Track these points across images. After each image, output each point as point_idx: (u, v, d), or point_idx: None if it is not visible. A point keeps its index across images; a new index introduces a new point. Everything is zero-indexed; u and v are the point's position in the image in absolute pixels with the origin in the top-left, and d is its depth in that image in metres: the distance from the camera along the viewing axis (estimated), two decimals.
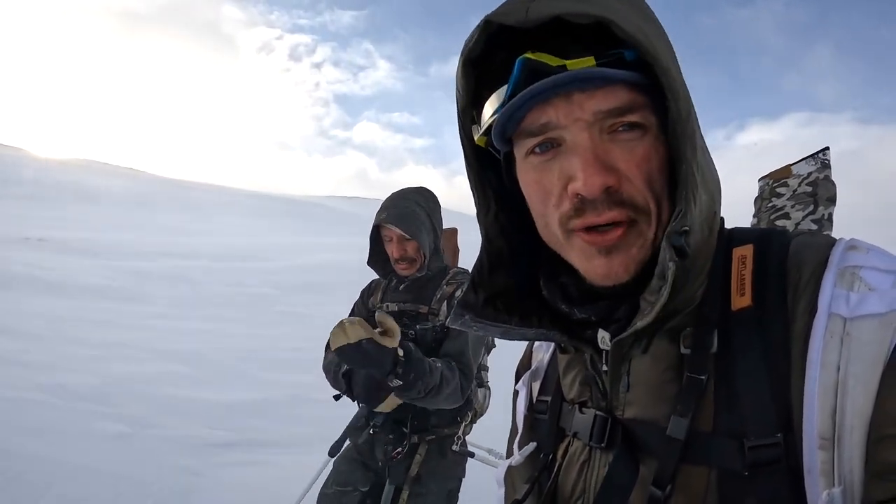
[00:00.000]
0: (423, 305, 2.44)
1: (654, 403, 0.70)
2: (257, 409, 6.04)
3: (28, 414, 4.95)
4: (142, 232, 22.98)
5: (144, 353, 7.53)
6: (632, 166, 0.64)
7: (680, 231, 0.62)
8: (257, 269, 15.83)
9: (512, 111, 0.66)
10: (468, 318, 0.78)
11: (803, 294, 0.64)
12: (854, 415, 0.56)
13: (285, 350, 8.24)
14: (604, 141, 0.65)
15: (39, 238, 16.61)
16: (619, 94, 0.64)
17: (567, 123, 0.65)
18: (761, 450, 0.61)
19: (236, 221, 33.11)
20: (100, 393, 5.80)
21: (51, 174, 39.95)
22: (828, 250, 0.66)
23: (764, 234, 0.73)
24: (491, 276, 0.80)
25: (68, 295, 10.57)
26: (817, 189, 2.01)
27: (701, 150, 0.66)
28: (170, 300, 11.47)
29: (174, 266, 14.58)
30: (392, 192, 2.55)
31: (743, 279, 0.69)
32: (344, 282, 13.92)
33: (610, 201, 0.64)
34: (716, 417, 0.65)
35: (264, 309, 11.72)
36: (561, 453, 0.82)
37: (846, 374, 0.57)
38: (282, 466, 4.70)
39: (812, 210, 2.00)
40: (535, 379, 0.95)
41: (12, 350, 6.70)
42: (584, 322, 0.74)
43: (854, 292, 0.60)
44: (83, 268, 12.91)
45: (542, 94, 0.64)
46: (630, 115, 0.64)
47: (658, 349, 0.71)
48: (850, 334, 0.59)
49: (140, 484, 4.12)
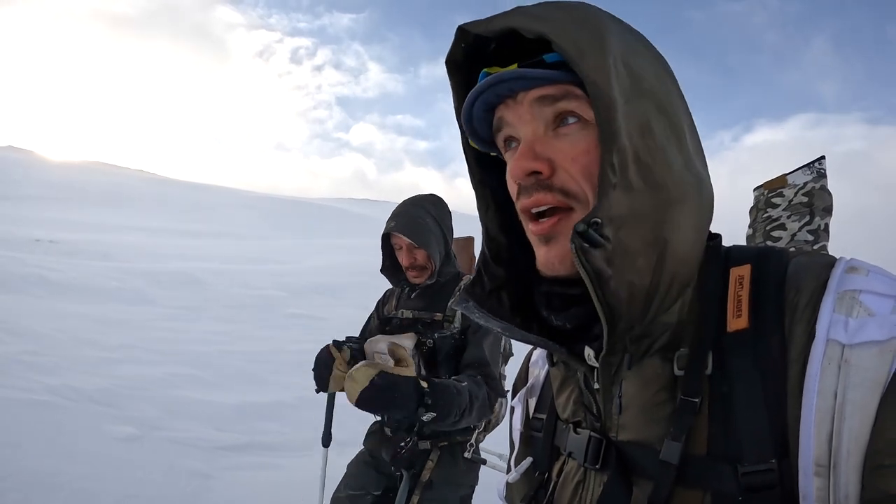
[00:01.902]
0: (438, 312, 2.42)
1: (647, 426, 0.70)
2: (267, 412, 6.03)
3: (37, 416, 4.95)
4: (152, 234, 23.11)
5: (154, 356, 7.54)
6: (567, 158, 0.68)
7: (588, 221, 0.63)
8: (267, 271, 15.86)
9: (468, 113, 0.75)
10: (472, 305, 0.80)
11: (801, 318, 0.63)
12: (851, 442, 0.56)
13: (295, 353, 8.22)
14: (547, 137, 0.70)
15: (50, 240, 16.73)
16: (553, 87, 0.69)
17: (513, 120, 0.72)
18: (756, 475, 0.60)
19: (246, 223, 33.29)
20: (109, 395, 5.81)
21: (61, 176, 40.30)
22: (827, 272, 0.65)
23: (762, 253, 0.73)
24: (495, 267, 0.83)
25: (78, 297, 10.62)
26: (813, 199, 1.99)
27: (630, 154, 0.65)
28: (180, 302, 11.50)
29: (184, 268, 14.62)
30: (403, 198, 2.56)
31: (740, 300, 0.68)
32: (354, 284, 13.97)
33: (538, 186, 0.69)
34: (710, 441, 0.65)
35: (274, 311, 11.73)
36: (556, 472, 0.83)
37: (843, 400, 0.57)
38: (291, 469, 4.68)
39: (808, 221, 1.99)
40: (532, 395, 0.97)
41: (22, 351, 6.71)
42: (565, 332, 0.75)
43: (853, 318, 0.60)
44: (93, 270, 12.96)
45: (487, 92, 0.72)
46: (563, 103, 0.69)
47: (650, 370, 0.70)
48: (849, 361, 0.58)
49: (149, 486, 4.12)
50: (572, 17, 0.67)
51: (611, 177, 0.64)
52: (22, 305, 9.21)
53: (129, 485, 4.06)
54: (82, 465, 4.19)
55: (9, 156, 59.74)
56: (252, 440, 5.28)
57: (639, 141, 0.65)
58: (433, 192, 2.63)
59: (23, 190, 32.37)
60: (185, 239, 22.58)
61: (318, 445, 2.89)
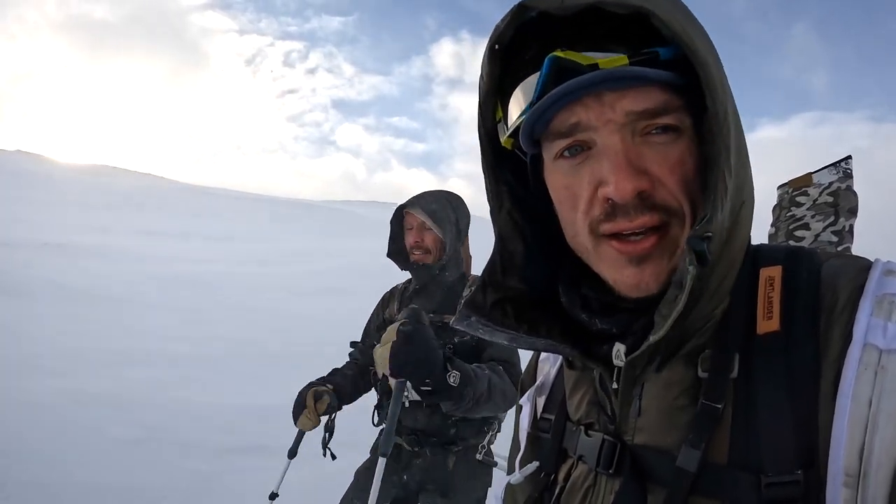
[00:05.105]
0: (448, 315, 2.37)
1: (665, 430, 0.66)
2: (272, 415, 6.01)
3: (45, 418, 4.97)
4: (160, 236, 23.22)
5: (160, 358, 7.56)
6: (665, 170, 0.61)
7: (702, 236, 0.57)
8: (273, 273, 15.90)
9: (540, 112, 0.63)
10: (475, 320, 0.75)
11: (837, 321, 0.60)
12: (882, 452, 0.53)
13: (302, 356, 8.21)
14: (636, 144, 0.62)
15: (58, 243, 16.81)
16: (652, 95, 0.61)
17: (598, 125, 0.62)
18: (780, 487, 0.57)
19: (252, 226, 33.40)
20: (115, 398, 5.82)
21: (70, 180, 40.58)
22: (864, 275, 0.61)
23: (793, 253, 0.69)
24: (503, 279, 0.77)
25: (85, 300, 10.66)
26: (839, 199, 1.96)
27: (736, 153, 0.62)
28: (186, 305, 11.53)
29: (191, 271, 14.67)
30: (400, 199, 2.54)
31: (770, 302, 0.65)
32: (361, 286, 13.96)
33: (643, 206, 0.61)
34: (731, 449, 0.61)
35: (280, 314, 11.76)
36: (563, 475, 0.78)
37: (878, 409, 0.54)
38: (297, 472, 4.66)
39: (833, 221, 1.95)
40: (541, 394, 0.91)
41: (29, 355, 6.74)
42: (602, 335, 0.70)
43: (892, 322, 0.57)
44: (100, 273, 13.03)
45: (572, 94, 0.61)
46: (664, 118, 0.61)
47: (673, 373, 0.67)
48: (886, 367, 0.55)
49: (154, 489, 4.12)
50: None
51: (727, 182, 0.59)
52: (29, 309, 9.25)
53: (134, 486, 4.06)
54: (88, 468, 4.21)
55: (18, 160, 60.28)
56: (257, 443, 5.27)
57: (738, 137, 0.62)
58: (456, 193, 2.58)
59: (31, 194, 32.60)
60: (191, 242, 22.68)
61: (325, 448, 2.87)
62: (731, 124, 0.60)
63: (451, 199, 2.47)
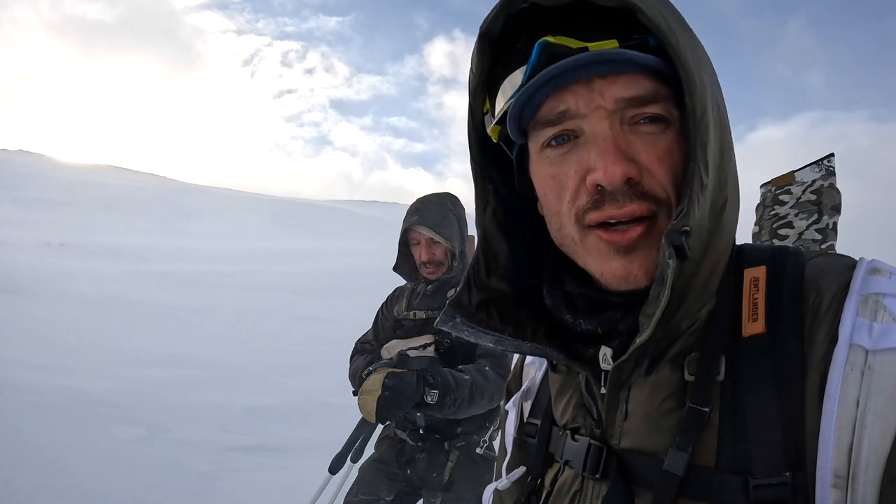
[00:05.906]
0: None
1: (652, 434, 0.65)
2: (274, 414, 6.03)
3: (47, 417, 4.97)
4: (163, 236, 23.21)
5: (162, 358, 7.57)
6: (653, 160, 0.61)
7: (680, 230, 0.57)
8: (275, 273, 15.90)
9: (529, 94, 0.62)
10: (459, 321, 0.74)
11: (822, 322, 0.59)
12: (871, 452, 0.53)
13: (303, 355, 8.23)
14: (625, 132, 0.61)
15: (60, 243, 16.82)
16: (641, 83, 0.61)
17: (587, 112, 0.61)
18: (768, 489, 0.57)
19: (254, 226, 33.36)
20: (118, 397, 5.83)
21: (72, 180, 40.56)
22: (848, 274, 0.61)
23: (777, 253, 0.68)
24: (486, 279, 0.76)
25: (87, 299, 10.67)
26: (822, 197, 1.96)
27: (717, 151, 0.62)
28: (188, 305, 11.53)
29: (193, 271, 14.67)
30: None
31: (755, 303, 0.64)
32: (363, 285, 13.96)
33: (631, 193, 0.61)
34: (719, 452, 0.61)
35: (283, 313, 11.76)
36: (550, 480, 0.78)
37: (865, 409, 0.54)
38: (298, 471, 4.67)
39: (816, 219, 1.95)
40: (527, 399, 0.90)
41: (32, 354, 6.75)
42: (588, 336, 0.70)
43: (877, 322, 0.56)
44: (102, 272, 13.03)
45: (562, 76, 0.60)
46: (651, 106, 0.61)
47: (660, 376, 0.66)
48: (872, 368, 0.55)
49: (157, 488, 4.12)
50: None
51: (703, 178, 0.59)
52: (32, 308, 9.26)
53: (137, 486, 4.07)
54: (91, 467, 4.21)
55: (20, 159, 60.21)
56: (259, 442, 5.29)
57: (721, 135, 0.62)
58: (448, 192, 2.61)
59: (33, 193, 32.56)
60: (193, 241, 22.66)
61: (325, 447, 2.89)
62: (709, 121, 0.60)
63: (449, 201, 2.49)
